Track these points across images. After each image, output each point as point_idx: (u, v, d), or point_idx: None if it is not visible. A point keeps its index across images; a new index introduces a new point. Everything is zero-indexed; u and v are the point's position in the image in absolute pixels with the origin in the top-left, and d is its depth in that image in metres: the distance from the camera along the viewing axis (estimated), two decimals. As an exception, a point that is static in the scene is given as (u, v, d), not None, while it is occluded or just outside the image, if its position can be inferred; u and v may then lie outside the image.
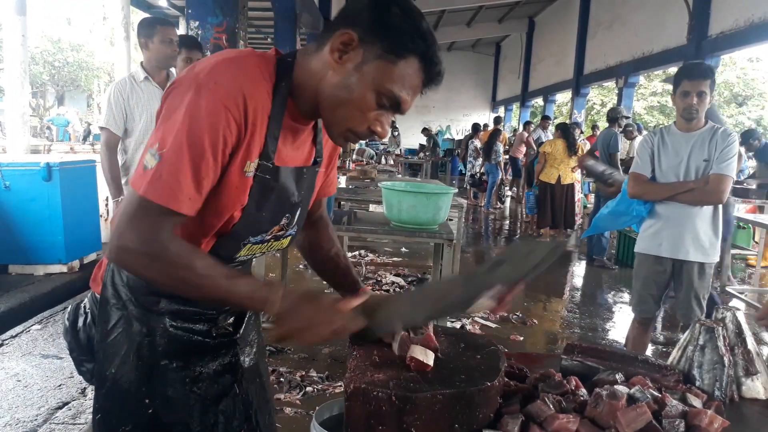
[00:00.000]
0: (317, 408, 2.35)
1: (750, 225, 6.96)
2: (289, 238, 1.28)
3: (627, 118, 8.40)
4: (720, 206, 3.00)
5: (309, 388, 3.22)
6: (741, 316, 1.35)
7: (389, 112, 1.10)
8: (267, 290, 1.06)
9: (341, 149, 1.39)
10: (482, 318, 4.73)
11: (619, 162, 6.62)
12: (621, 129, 7.01)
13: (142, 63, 3.50)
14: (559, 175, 8.01)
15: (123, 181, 3.48)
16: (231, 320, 1.32)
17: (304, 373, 3.41)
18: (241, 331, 1.33)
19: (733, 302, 5.64)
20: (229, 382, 1.28)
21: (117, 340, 1.19)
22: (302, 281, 5.55)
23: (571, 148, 7.93)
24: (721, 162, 2.88)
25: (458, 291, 1.17)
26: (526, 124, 12.36)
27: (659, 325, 5.06)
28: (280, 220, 1.21)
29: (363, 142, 13.79)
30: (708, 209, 2.98)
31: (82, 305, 1.32)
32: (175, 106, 1.01)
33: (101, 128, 3.48)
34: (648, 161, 3.08)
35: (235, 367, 1.30)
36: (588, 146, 8.51)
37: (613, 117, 7.03)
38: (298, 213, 1.25)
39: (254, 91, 1.04)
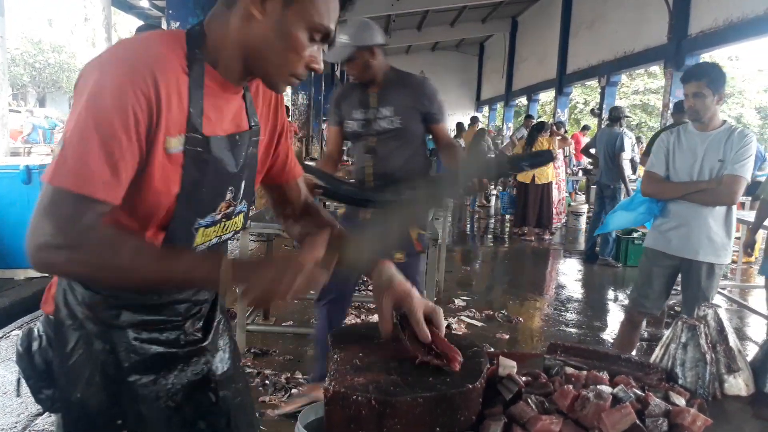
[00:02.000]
0: (302, 410, 2.34)
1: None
2: (241, 215, 1.23)
3: (629, 117, 8.44)
4: (734, 207, 2.98)
5: (294, 391, 3.19)
6: (723, 314, 1.35)
7: (320, 45, 1.08)
8: (209, 265, 0.99)
9: (285, 122, 1.33)
10: (468, 317, 4.73)
11: (622, 162, 6.62)
12: (623, 128, 7.01)
13: None
14: (534, 175, 8.03)
15: None
16: (199, 326, 1.26)
17: (289, 375, 3.39)
18: (210, 337, 1.27)
19: (716, 298, 5.70)
20: (203, 391, 1.23)
21: (78, 362, 1.11)
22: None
23: (528, 146, 7.96)
24: (736, 163, 2.85)
25: (421, 203, 1.17)
26: (527, 117, 12.27)
27: (644, 322, 5.10)
28: (224, 195, 1.15)
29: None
30: (721, 209, 2.97)
31: (35, 329, 1.21)
32: (81, 88, 0.96)
33: None
34: (663, 160, 3.07)
35: (207, 375, 1.24)
36: (557, 140, 8.56)
37: (616, 116, 6.98)
38: (242, 186, 1.19)
39: (163, 65, 1.00)
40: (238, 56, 1.07)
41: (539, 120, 10.44)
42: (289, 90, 7.38)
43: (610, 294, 5.95)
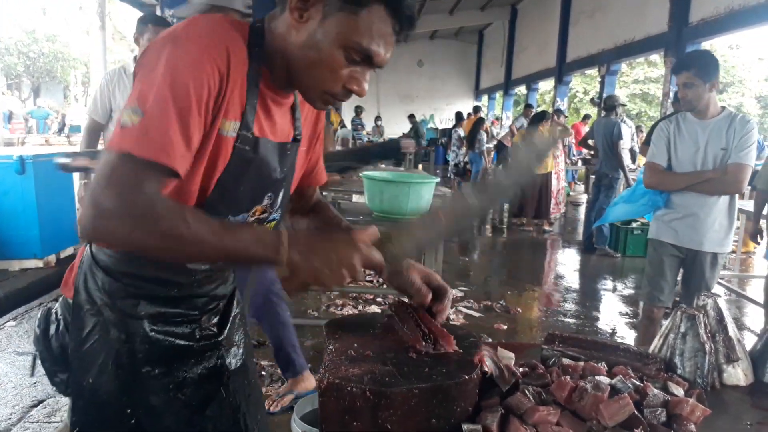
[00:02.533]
0: (298, 402, 2.34)
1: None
2: (273, 223, 1.22)
3: (624, 105, 8.39)
4: (736, 196, 2.96)
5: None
6: (722, 303, 1.34)
7: (364, 67, 1.03)
8: (270, 240, 0.95)
9: (323, 131, 1.32)
10: (466, 307, 4.72)
11: (620, 150, 6.59)
12: (619, 117, 6.98)
13: (135, 57, 3.48)
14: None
15: None
16: (215, 320, 1.25)
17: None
18: (226, 332, 1.26)
19: (715, 288, 5.69)
20: (215, 386, 1.21)
21: (93, 348, 1.11)
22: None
23: (527, 136, 7.91)
24: (740, 150, 2.81)
25: (469, 206, 1.11)
26: (527, 107, 12.15)
27: (641, 312, 5.10)
28: (262, 199, 1.14)
29: (348, 129, 13.69)
30: (724, 199, 2.93)
31: (54, 311, 1.23)
32: (152, 61, 0.94)
33: (88, 117, 3.52)
34: (664, 150, 3.02)
35: (220, 370, 1.23)
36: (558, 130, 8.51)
37: (611, 105, 6.96)
38: (281, 194, 1.19)
39: (235, 45, 0.99)
40: (283, 64, 1.05)
41: (540, 110, 10.35)
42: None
43: (609, 284, 5.94)
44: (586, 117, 13.80)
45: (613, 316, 4.91)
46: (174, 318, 1.16)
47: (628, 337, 4.44)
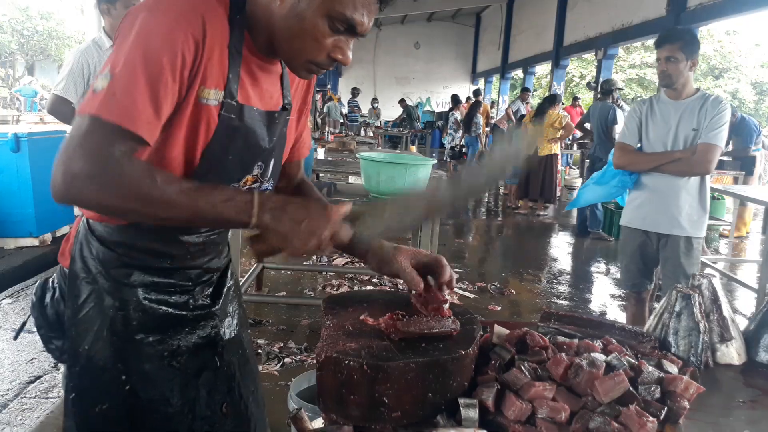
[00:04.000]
0: (294, 379, 2.35)
1: (724, 196, 7.05)
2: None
3: (621, 89, 8.36)
4: (708, 178, 2.90)
5: (287, 360, 3.21)
6: (717, 283, 1.35)
7: (348, 36, 1.03)
8: (241, 201, 0.94)
9: (311, 102, 1.32)
10: (460, 288, 4.75)
11: (615, 135, 6.59)
12: (615, 101, 6.97)
13: (104, 28, 3.33)
14: (537, 147, 7.96)
15: None
16: (208, 292, 1.26)
17: (282, 344, 3.40)
18: (220, 303, 1.28)
19: (707, 272, 5.74)
20: (209, 355, 1.23)
21: (89, 315, 1.12)
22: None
23: (536, 117, 7.88)
24: (710, 131, 2.76)
25: (447, 191, 1.11)
26: (524, 90, 12.07)
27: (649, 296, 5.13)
28: (251, 168, 1.14)
29: (335, 105, 13.52)
30: (695, 181, 2.87)
31: (50, 280, 1.25)
32: (126, 29, 0.94)
33: (55, 95, 3.17)
34: (635, 130, 2.98)
35: (215, 339, 1.24)
36: (567, 118, 8.48)
37: (608, 89, 6.96)
38: (272, 163, 1.18)
39: (211, 13, 0.98)
40: (266, 33, 1.05)
41: (552, 93, 10.22)
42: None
43: (602, 267, 5.98)
44: (576, 100, 13.75)
45: (605, 299, 4.95)
46: (167, 288, 1.17)
47: (619, 318, 4.48)
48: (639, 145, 3.00)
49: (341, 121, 13.66)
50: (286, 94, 1.19)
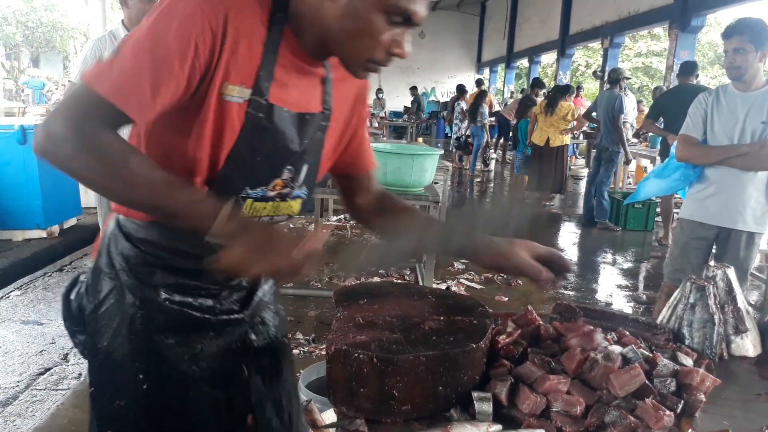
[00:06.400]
0: (303, 370, 2.35)
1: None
2: (298, 201, 1.17)
3: (628, 78, 8.28)
4: None
5: (295, 351, 3.21)
6: (731, 274, 1.33)
7: (404, 28, 1.00)
8: (214, 204, 0.92)
9: (365, 114, 1.27)
10: (467, 279, 4.74)
11: (622, 124, 6.55)
12: (623, 90, 6.91)
13: (123, 21, 3.37)
14: (548, 138, 7.91)
15: None
16: (238, 296, 1.21)
17: (290, 335, 3.40)
18: (250, 309, 1.23)
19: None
20: (234, 362, 1.19)
21: (109, 311, 1.11)
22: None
23: (548, 108, 7.81)
24: None
25: (433, 236, 1.09)
26: (536, 81, 11.86)
27: (641, 285, 5.12)
28: (281, 172, 1.10)
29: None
30: (762, 176, 2.77)
31: (82, 274, 1.22)
32: (155, 9, 0.94)
33: (70, 83, 3.28)
34: (700, 122, 2.86)
35: (242, 347, 1.20)
36: (580, 111, 8.41)
37: (615, 78, 6.88)
38: (304, 169, 1.14)
39: (241, 8, 0.96)
40: (317, 34, 1.02)
41: (565, 83, 10.08)
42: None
43: (609, 257, 5.96)
44: (579, 88, 13.64)
45: (613, 289, 4.93)
46: (192, 290, 1.14)
47: (627, 309, 4.46)
48: (703, 138, 2.88)
49: None
50: (326, 99, 1.14)
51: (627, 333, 1.19)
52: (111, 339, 1.11)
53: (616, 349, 1.07)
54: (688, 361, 1.12)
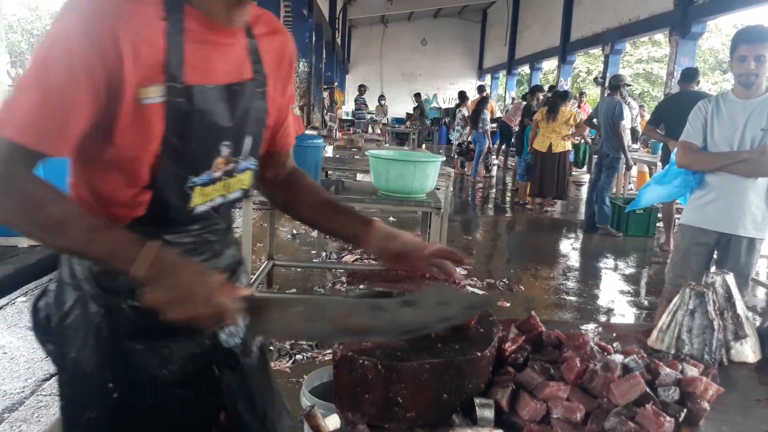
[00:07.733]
0: (306, 376, 2.36)
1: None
2: (248, 172, 1.16)
3: (629, 86, 8.30)
4: None
5: (299, 356, 3.22)
6: (731, 280, 1.34)
7: None
8: (135, 250, 0.91)
9: (293, 80, 1.26)
10: (469, 285, 4.75)
11: (622, 130, 6.57)
12: (623, 97, 6.94)
13: None
14: (551, 144, 7.92)
15: None
16: None
17: (293, 341, 3.41)
18: None
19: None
20: (205, 364, 1.17)
21: (74, 322, 1.09)
22: (291, 251, 5.52)
23: (550, 114, 7.82)
24: None
25: (361, 318, 1.02)
26: (536, 88, 11.83)
27: (643, 290, 5.13)
28: (218, 151, 1.07)
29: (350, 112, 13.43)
30: (763, 181, 2.79)
31: (51, 282, 1.19)
32: (42, 41, 0.93)
33: None
34: (700, 129, 2.88)
35: (212, 348, 1.18)
36: (582, 116, 8.43)
37: (616, 84, 6.91)
38: (245, 140, 1.11)
39: (131, 15, 0.94)
40: None
41: (564, 89, 10.09)
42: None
43: (610, 263, 5.96)
44: (582, 95, 13.67)
45: (615, 295, 4.94)
46: None
47: (628, 314, 4.47)
48: (703, 144, 2.89)
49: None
50: (255, 63, 1.12)
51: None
52: (79, 350, 1.09)
53: (617, 358, 1.08)
54: (694, 372, 1.12)
